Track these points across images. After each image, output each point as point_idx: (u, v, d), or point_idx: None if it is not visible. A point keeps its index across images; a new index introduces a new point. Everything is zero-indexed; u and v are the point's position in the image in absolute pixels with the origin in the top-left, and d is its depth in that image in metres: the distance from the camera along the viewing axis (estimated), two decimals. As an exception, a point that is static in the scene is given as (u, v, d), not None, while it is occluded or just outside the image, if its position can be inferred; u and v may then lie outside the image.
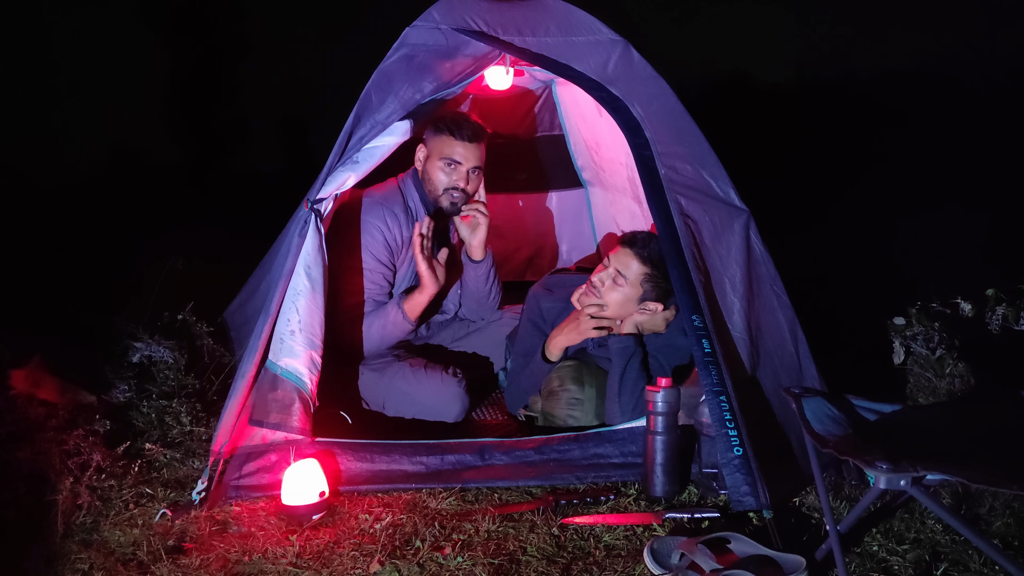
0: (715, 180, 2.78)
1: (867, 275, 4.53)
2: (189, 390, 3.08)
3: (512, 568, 2.14)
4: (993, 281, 3.54)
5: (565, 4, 3.02)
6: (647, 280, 2.85)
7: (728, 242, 2.71)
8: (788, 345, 2.73)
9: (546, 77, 3.75)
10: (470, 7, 2.94)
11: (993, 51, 8.72)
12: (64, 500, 2.35)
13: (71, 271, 4.28)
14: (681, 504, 2.47)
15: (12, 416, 2.68)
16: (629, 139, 2.76)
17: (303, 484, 2.39)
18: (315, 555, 2.22)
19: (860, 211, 6.00)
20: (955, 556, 2.17)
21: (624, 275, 2.86)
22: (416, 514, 2.39)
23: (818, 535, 2.25)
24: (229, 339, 3.47)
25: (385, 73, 2.83)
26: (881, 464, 1.84)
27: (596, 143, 3.87)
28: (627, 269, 2.86)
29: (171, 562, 2.17)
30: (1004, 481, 1.82)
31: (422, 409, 3.01)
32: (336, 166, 2.73)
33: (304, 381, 2.60)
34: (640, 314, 2.90)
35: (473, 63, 2.84)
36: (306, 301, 2.61)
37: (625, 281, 2.86)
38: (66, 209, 5.46)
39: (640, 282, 2.86)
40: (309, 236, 2.62)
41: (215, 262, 3.91)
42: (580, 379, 2.91)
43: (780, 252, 2.82)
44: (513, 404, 3.10)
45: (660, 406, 2.48)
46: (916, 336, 3.26)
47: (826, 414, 2.18)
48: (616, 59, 2.91)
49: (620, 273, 2.86)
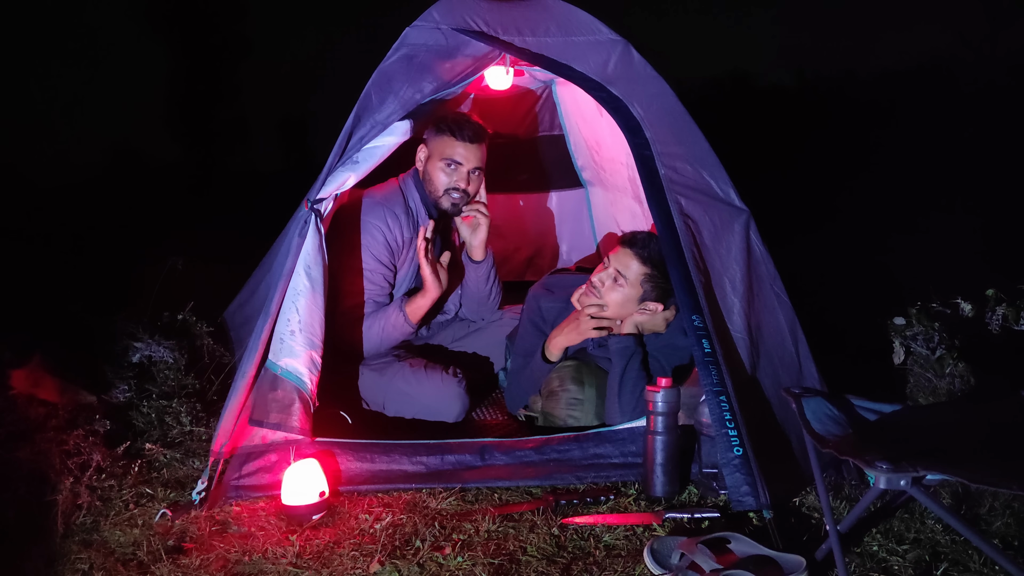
0: (715, 180, 2.78)
1: (867, 275, 4.53)
2: (189, 390, 3.08)
3: (512, 568, 2.14)
4: (993, 281, 3.54)
5: (565, 4, 3.02)
6: (647, 280, 2.85)
7: (728, 242, 2.71)
8: (788, 345, 2.73)
9: (546, 77, 3.75)
10: (470, 7, 2.94)
11: (993, 51, 8.72)
12: (64, 500, 2.35)
13: (71, 271, 4.28)
14: (681, 504, 2.47)
15: (12, 416, 2.68)
16: (629, 139, 2.76)
17: (303, 484, 2.39)
18: (315, 555, 2.22)
19: (860, 211, 6.01)
20: (955, 556, 2.17)
21: (624, 275, 2.86)
22: (416, 514, 2.39)
23: (818, 535, 2.25)
24: (229, 339, 3.47)
25: (385, 73, 2.83)
26: (881, 464, 1.84)
27: (596, 143, 3.87)
28: (627, 269, 2.86)
29: (171, 562, 2.17)
30: (1004, 481, 1.82)
31: (422, 409, 3.01)
32: (336, 166, 2.73)
33: (304, 381, 2.60)
34: (640, 314, 2.90)
35: (473, 63, 2.84)
36: (306, 301, 2.61)
37: (625, 281, 2.86)
38: (66, 209, 5.46)
39: (640, 282, 2.85)
40: (309, 236, 2.62)
41: (215, 262, 3.91)
42: (580, 379, 2.91)
43: (780, 252, 2.82)
44: (513, 404, 3.10)
45: (660, 406, 2.48)
46: (916, 336, 3.26)
47: (826, 414, 2.18)
48: (616, 59, 2.90)
49: (620, 273, 2.86)
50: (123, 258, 4.40)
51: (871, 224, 5.69)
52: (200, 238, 4.60)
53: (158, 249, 3.80)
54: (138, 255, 4.13)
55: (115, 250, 4.69)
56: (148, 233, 4.95)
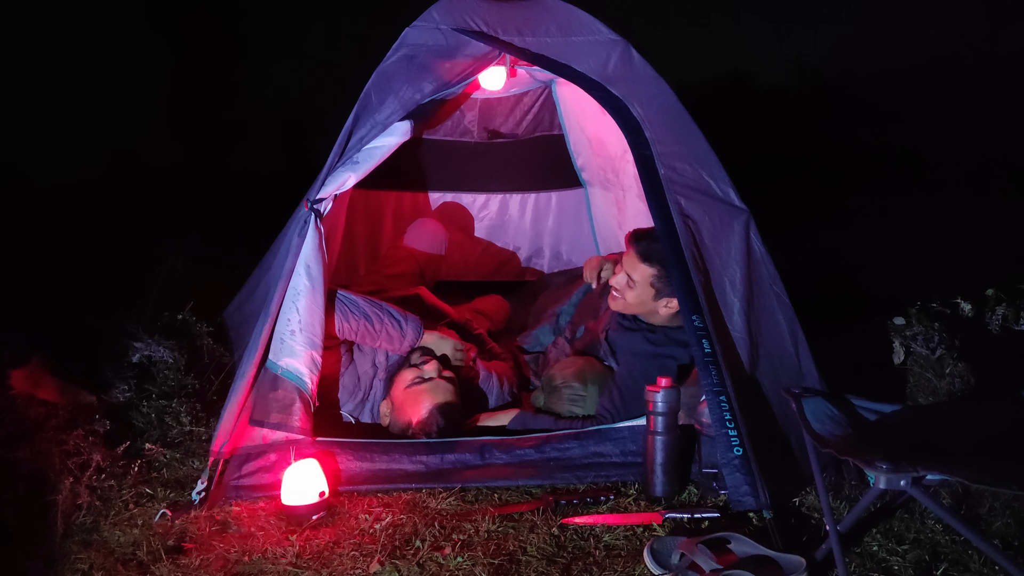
0: (715, 180, 2.78)
1: (867, 275, 4.53)
2: (189, 390, 3.08)
3: (512, 568, 2.14)
4: (993, 281, 3.54)
5: (565, 4, 3.02)
6: (657, 280, 2.86)
7: (728, 242, 2.71)
8: (788, 345, 2.73)
9: (546, 77, 3.76)
10: (470, 7, 2.94)
11: (993, 51, 8.72)
12: (64, 500, 2.35)
13: (71, 271, 4.28)
14: (681, 504, 2.47)
15: (12, 416, 2.68)
16: (629, 139, 2.77)
17: (303, 484, 2.39)
18: (315, 555, 2.22)
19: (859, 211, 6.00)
20: (955, 556, 2.17)
21: (634, 278, 2.88)
22: (416, 514, 2.39)
23: (818, 535, 2.25)
24: (229, 339, 3.47)
25: (385, 73, 2.83)
26: (881, 464, 1.84)
27: (597, 142, 3.87)
28: (635, 272, 2.89)
29: (171, 562, 2.17)
30: (1004, 481, 1.82)
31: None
32: (336, 166, 2.73)
33: (304, 381, 2.60)
34: (665, 309, 2.91)
35: (473, 63, 2.84)
36: (306, 301, 2.61)
37: (635, 284, 2.88)
38: (66, 209, 5.45)
39: (650, 283, 2.87)
40: (309, 236, 2.63)
41: (215, 262, 3.91)
42: (583, 376, 2.92)
43: (780, 251, 2.82)
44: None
45: (660, 406, 2.48)
46: (916, 336, 3.26)
47: (826, 414, 2.18)
48: (616, 59, 2.91)
49: (630, 277, 2.89)
50: (123, 258, 4.40)
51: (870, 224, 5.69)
52: (200, 238, 4.60)
53: (158, 249, 3.80)
54: (138, 255, 4.13)
55: (115, 250, 4.68)
56: (148, 233, 4.95)
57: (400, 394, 2.87)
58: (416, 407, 2.80)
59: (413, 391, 2.84)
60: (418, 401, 2.81)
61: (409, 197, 4.43)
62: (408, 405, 2.83)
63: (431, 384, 2.85)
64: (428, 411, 2.78)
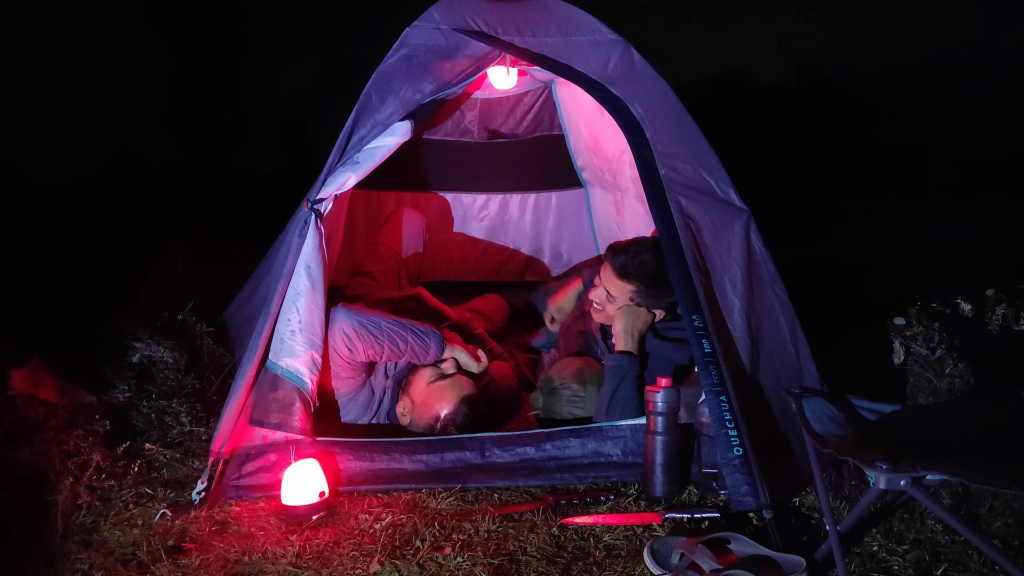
0: (715, 180, 2.78)
1: (867, 274, 4.53)
2: (189, 390, 3.08)
3: (512, 568, 2.14)
4: (993, 281, 3.54)
5: (565, 4, 3.02)
6: (636, 295, 2.87)
7: (728, 242, 2.71)
8: (788, 345, 2.73)
9: (546, 77, 3.76)
10: (470, 7, 2.94)
11: (993, 51, 8.72)
12: (64, 500, 2.35)
13: (70, 271, 4.28)
14: (681, 504, 2.47)
15: (12, 416, 2.67)
16: (629, 139, 2.77)
17: (303, 484, 2.39)
18: (315, 555, 2.22)
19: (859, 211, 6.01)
20: (955, 556, 2.17)
21: (612, 295, 2.90)
22: (416, 514, 2.39)
23: (818, 535, 2.25)
24: (229, 339, 3.47)
25: (385, 73, 2.83)
26: (881, 464, 1.84)
27: (597, 143, 3.87)
28: (613, 287, 2.90)
29: (171, 562, 2.17)
30: (1004, 481, 1.82)
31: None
32: (336, 166, 2.73)
33: (305, 381, 2.60)
34: (648, 315, 2.92)
35: (473, 63, 2.84)
36: (306, 301, 2.61)
37: (614, 299, 2.89)
38: (65, 209, 5.45)
39: (630, 298, 2.88)
40: (309, 236, 2.63)
41: (214, 263, 3.91)
42: (582, 377, 2.92)
43: (780, 251, 2.82)
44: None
45: (660, 406, 2.48)
46: (916, 336, 3.25)
47: (826, 414, 2.18)
48: (616, 59, 2.91)
49: (609, 292, 2.90)
50: (123, 258, 4.40)
51: (870, 224, 5.69)
52: (200, 238, 4.59)
53: (158, 249, 3.80)
54: (138, 255, 4.13)
55: (115, 250, 4.68)
56: (148, 233, 4.95)
57: (422, 392, 2.93)
58: (442, 401, 2.89)
59: (436, 387, 2.92)
60: (443, 396, 2.89)
61: (409, 197, 4.43)
62: (434, 400, 2.90)
63: (452, 380, 2.95)
64: (455, 404, 2.87)
